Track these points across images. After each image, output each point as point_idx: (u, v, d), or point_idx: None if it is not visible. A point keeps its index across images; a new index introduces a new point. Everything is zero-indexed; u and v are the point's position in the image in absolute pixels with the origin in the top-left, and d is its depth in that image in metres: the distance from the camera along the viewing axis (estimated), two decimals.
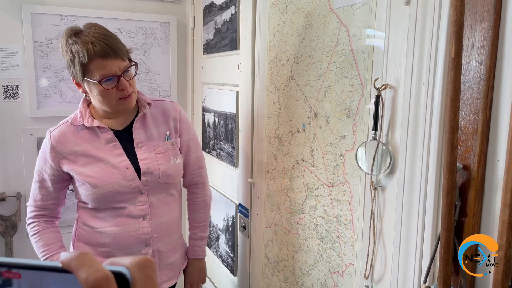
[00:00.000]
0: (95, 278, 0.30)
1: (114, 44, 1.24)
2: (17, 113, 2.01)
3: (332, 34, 1.19)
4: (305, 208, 1.37)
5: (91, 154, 1.32)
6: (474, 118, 0.81)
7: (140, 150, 1.36)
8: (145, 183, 1.35)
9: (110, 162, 1.32)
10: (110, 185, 1.31)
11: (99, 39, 1.21)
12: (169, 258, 1.46)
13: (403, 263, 0.98)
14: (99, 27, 1.26)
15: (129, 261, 0.33)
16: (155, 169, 1.36)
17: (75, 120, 1.35)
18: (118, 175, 1.32)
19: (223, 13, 1.89)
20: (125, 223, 1.35)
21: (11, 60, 1.97)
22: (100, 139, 1.34)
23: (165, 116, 1.43)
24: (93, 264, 0.31)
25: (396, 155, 1.00)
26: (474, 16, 0.80)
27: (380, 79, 1.02)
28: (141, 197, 1.36)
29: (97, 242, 1.37)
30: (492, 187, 0.81)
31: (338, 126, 1.19)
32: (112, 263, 0.33)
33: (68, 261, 0.31)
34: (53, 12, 2.01)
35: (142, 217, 1.36)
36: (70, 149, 1.32)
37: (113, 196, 1.32)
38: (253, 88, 1.64)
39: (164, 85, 2.29)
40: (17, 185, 2.03)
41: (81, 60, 1.21)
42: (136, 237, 1.36)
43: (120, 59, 1.24)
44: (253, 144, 1.68)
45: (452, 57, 0.75)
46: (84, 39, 1.21)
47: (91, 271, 0.30)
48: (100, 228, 1.36)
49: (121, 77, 1.25)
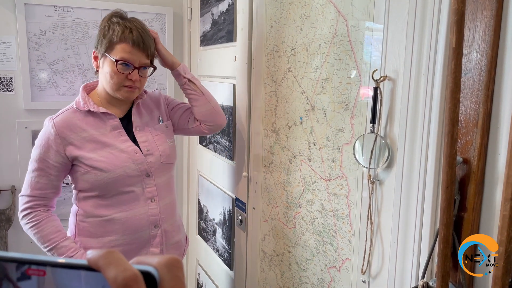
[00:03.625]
0: (124, 277, 0.29)
1: (147, 40, 1.32)
2: (11, 105, 1.98)
3: (330, 25, 1.17)
4: (302, 202, 1.35)
5: (98, 140, 1.35)
6: (475, 110, 0.79)
7: (139, 133, 1.42)
8: (151, 164, 1.40)
9: (118, 147, 1.36)
10: (121, 169, 1.34)
11: (138, 30, 1.30)
12: (174, 237, 1.51)
13: (401, 258, 0.97)
14: (141, 23, 1.35)
15: (156, 261, 0.32)
16: (154, 150, 1.42)
17: (79, 105, 1.36)
18: (128, 159, 1.36)
19: (219, 4, 1.86)
20: (134, 207, 1.38)
21: (5, 51, 1.94)
22: (105, 126, 1.37)
23: (155, 103, 1.52)
24: (122, 263, 0.30)
25: (394, 148, 0.98)
26: (475, 5, 0.78)
27: (378, 71, 1.00)
28: (148, 179, 1.40)
29: (102, 233, 1.38)
30: (493, 181, 0.79)
31: (336, 119, 1.17)
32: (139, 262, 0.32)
33: (95, 260, 0.31)
34: (47, 3, 1.98)
35: (150, 199, 1.41)
36: (77, 135, 1.34)
37: (123, 179, 1.35)
38: (250, 80, 1.61)
39: (161, 78, 2.26)
40: (12, 179, 2.01)
41: (112, 37, 1.29)
42: (146, 219, 1.40)
43: (145, 55, 1.32)
44: (250, 137, 1.65)
45: (453, 47, 0.73)
46: (127, 24, 1.30)
47: (120, 270, 0.30)
48: (108, 215, 1.37)
49: (137, 69, 1.32)
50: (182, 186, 2.44)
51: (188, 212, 2.44)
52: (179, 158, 2.40)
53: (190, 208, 2.42)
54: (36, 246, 1.46)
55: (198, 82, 1.51)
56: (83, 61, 2.08)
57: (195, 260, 2.38)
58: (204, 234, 2.21)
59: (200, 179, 2.23)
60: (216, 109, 1.52)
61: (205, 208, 2.18)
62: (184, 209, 2.45)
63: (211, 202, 2.09)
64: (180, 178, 2.42)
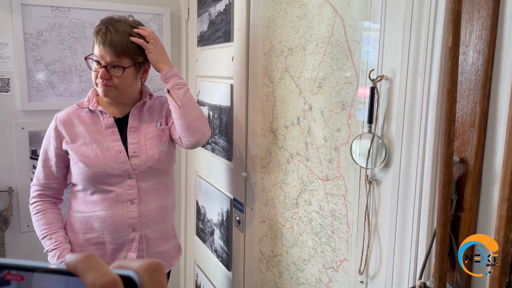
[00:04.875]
0: (103, 283, 0.29)
1: (117, 40, 1.32)
2: (8, 106, 1.98)
3: (327, 24, 1.17)
4: (299, 202, 1.34)
5: (89, 136, 1.41)
6: (472, 109, 0.78)
7: (131, 135, 1.44)
8: (134, 166, 1.42)
9: (105, 145, 1.41)
10: (101, 166, 1.38)
11: (109, 31, 1.32)
12: (158, 246, 1.50)
13: (398, 259, 0.96)
14: (121, 23, 1.36)
15: (138, 265, 0.32)
16: (142, 153, 1.43)
17: (81, 103, 1.46)
18: (110, 157, 1.40)
19: (217, 4, 1.85)
20: (113, 207, 1.41)
21: (1, 52, 1.93)
22: (101, 123, 1.43)
23: (161, 107, 1.53)
24: (101, 267, 0.30)
25: (391, 148, 0.98)
26: (472, 4, 0.77)
27: (375, 71, 0.99)
28: (130, 181, 1.42)
29: (84, 229, 1.43)
30: (490, 181, 0.78)
31: (333, 119, 1.17)
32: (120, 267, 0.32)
33: (74, 264, 0.30)
34: (44, 3, 1.97)
35: (130, 202, 1.43)
36: (71, 129, 1.42)
37: (102, 176, 1.39)
38: (247, 80, 1.61)
39: (158, 78, 2.25)
40: (9, 180, 2.01)
41: (93, 39, 1.37)
42: (124, 221, 1.42)
43: (113, 53, 1.32)
44: (247, 137, 1.65)
45: (449, 47, 0.73)
46: (103, 26, 1.34)
47: (98, 275, 0.29)
48: (89, 212, 1.42)
49: (104, 68, 1.34)
50: (180, 187, 2.44)
51: (186, 213, 2.43)
52: (177, 159, 2.39)
53: (188, 209, 2.42)
54: (33, 247, 1.47)
55: (181, 92, 1.39)
56: (80, 62, 2.08)
57: (193, 261, 2.38)
58: (202, 235, 2.20)
59: (198, 179, 2.22)
60: (192, 125, 1.39)
61: (203, 208, 2.17)
62: (182, 210, 2.44)
63: (209, 202, 2.08)
64: (178, 179, 2.42)
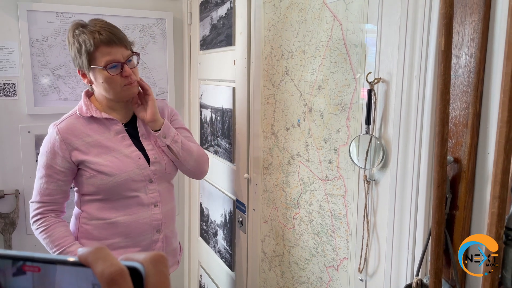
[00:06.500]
0: (111, 272, 0.31)
1: (118, 33, 1.32)
2: (14, 110, 2.01)
3: (326, 28, 1.19)
4: (300, 203, 1.37)
5: (102, 145, 1.37)
6: (465, 111, 0.81)
7: (145, 141, 1.44)
8: (154, 172, 1.43)
9: (123, 152, 1.39)
10: (126, 173, 1.37)
11: (105, 29, 1.29)
12: (172, 244, 1.55)
13: (396, 257, 0.99)
14: (103, 21, 1.34)
15: (143, 257, 0.34)
16: (161, 159, 1.44)
17: (82, 111, 1.38)
18: (132, 163, 1.38)
19: (219, 9, 1.88)
20: (138, 211, 1.42)
21: (8, 57, 1.97)
22: (109, 131, 1.39)
23: (162, 114, 1.50)
24: (109, 258, 0.32)
25: (389, 149, 1.00)
26: (464, 8, 0.80)
27: (372, 73, 1.02)
28: (151, 185, 1.43)
29: (105, 235, 1.40)
30: (483, 180, 0.81)
31: (332, 120, 1.19)
32: (127, 259, 0.34)
33: (85, 256, 0.33)
34: (49, 9, 2.01)
35: (153, 204, 1.44)
36: (81, 140, 1.36)
37: (128, 184, 1.37)
38: (249, 83, 1.64)
39: (161, 82, 2.29)
40: (16, 183, 2.04)
41: (88, 48, 1.28)
42: (149, 223, 1.44)
43: (124, 47, 1.32)
44: (249, 139, 1.68)
45: (442, 50, 0.75)
46: (91, 29, 1.29)
47: (106, 265, 0.32)
48: (111, 218, 1.40)
49: (125, 64, 1.32)
50: (184, 189, 2.47)
51: (190, 215, 2.46)
52: None
53: (192, 211, 2.45)
54: (39, 250, 1.48)
55: (178, 146, 1.44)
56: None
57: (197, 262, 2.41)
58: (206, 236, 2.23)
59: (201, 182, 2.25)
60: (194, 170, 1.52)
61: (206, 210, 2.20)
62: (186, 211, 2.47)
63: (212, 204, 2.11)
64: (182, 181, 2.44)
